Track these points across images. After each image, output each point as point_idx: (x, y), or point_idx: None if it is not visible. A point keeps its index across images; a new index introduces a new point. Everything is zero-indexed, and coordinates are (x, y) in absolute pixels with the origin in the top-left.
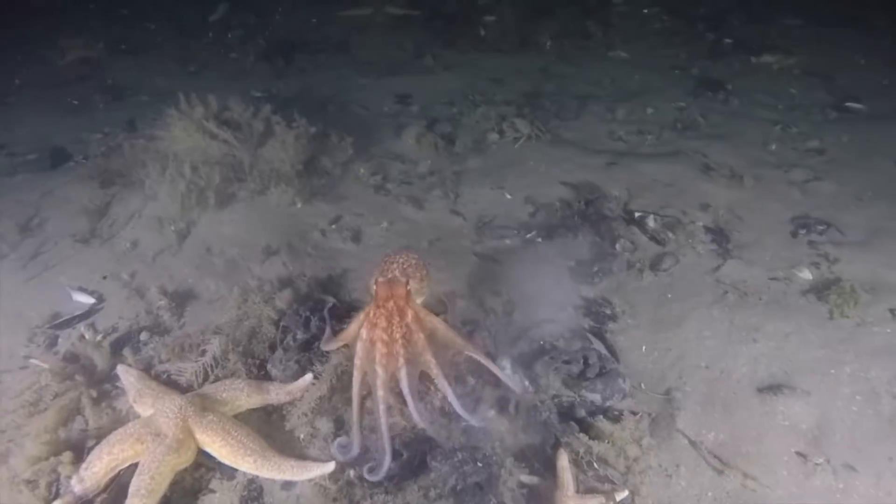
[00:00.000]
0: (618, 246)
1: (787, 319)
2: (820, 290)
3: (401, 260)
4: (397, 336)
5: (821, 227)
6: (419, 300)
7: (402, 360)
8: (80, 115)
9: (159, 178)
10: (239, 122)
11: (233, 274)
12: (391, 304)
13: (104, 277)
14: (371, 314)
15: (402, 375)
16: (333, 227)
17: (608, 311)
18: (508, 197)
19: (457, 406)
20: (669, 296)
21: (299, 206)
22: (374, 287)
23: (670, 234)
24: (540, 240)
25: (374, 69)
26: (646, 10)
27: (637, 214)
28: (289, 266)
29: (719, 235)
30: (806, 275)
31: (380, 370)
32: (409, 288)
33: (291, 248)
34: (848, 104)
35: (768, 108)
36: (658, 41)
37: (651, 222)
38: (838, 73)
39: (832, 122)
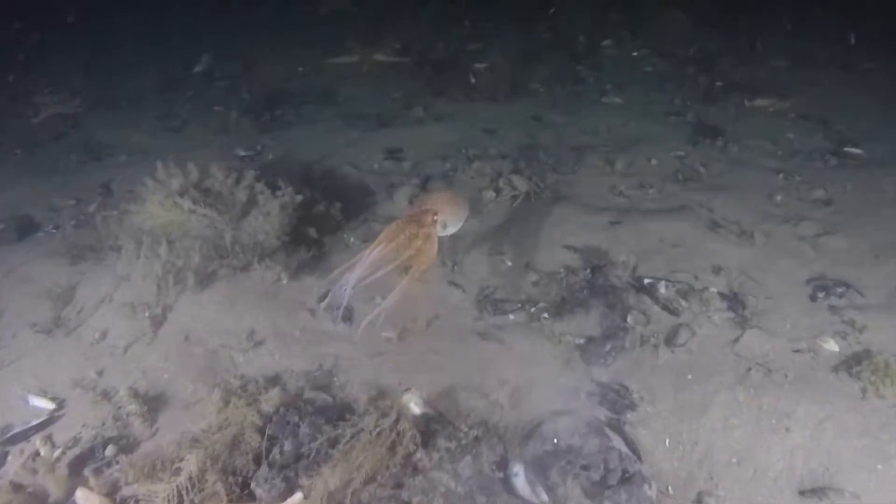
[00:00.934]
0: (629, 319)
1: (819, 402)
2: (850, 364)
3: (439, 197)
4: (407, 231)
5: (840, 290)
6: (449, 231)
7: (395, 243)
8: (53, 177)
9: (133, 257)
10: (220, 191)
11: (214, 366)
12: (414, 222)
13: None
14: (395, 224)
15: (388, 248)
16: (323, 304)
17: (625, 400)
18: (509, 264)
19: (345, 289)
20: (690, 376)
21: (285, 281)
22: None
23: (683, 303)
24: (546, 315)
25: (363, 121)
26: (635, 53)
27: (647, 281)
28: (275, 355)
29: (735, 302)
30: (832, 346)
31: (382, 235)
32: (435, 218)
33: (278, 332)
34: (847, 149)
35: (768, 155)
36: (651, 85)
37: (663, 289)
38: (833, 116)
39: (833, 169)
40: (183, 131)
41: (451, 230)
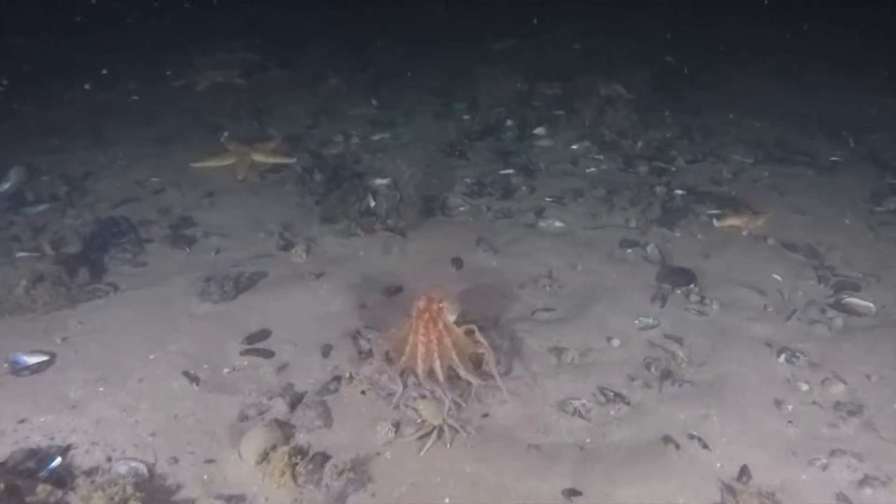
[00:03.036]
0: None
1: None
2: None
3: (436, 289)
4: (433, 338)
5: None
6: (451, 318)
7: (436, 356)
8: None
9: None
10: None
11: None
12: (427, 315)
13: None
14: (413, 324)
15: (437, 367)
16: None
17: None
18: None
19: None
20: None
21: None
22: (417, 302)
23: None
24: None
25: (221, 278)
26: (574, 147)
27: None
28: None
29: None
30: None
31: (420, 364)
32: (442, 305)
33: None
34: (850, 300)
35: (757, 315)
36: (597, 198)
37: None
38: (820, 241)
39: (841, 335)
40: None
41: (451, 318)
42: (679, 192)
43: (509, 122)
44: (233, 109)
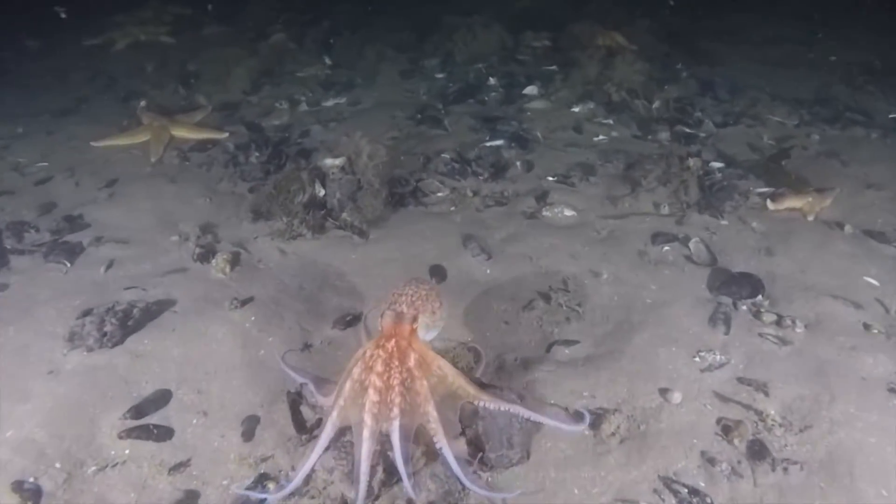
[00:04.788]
0: None
1: None
2: None
3: (410, 292)
4: (394, 383)
5: None
6: (431, 335)
7: (396, 411)
8: None
9: None
10: None
11: None
12: (392, 344)
13: None
14: (367, 354)
15: (394, 430)
16: None
17: None
18: None
19: (458, 472)
20: None
21: None
22: (381, 320)
23: None
24: None
25: (103, 312)
26: (576, 109)
27: None
28: None
29: None
30: None
31: (368, 419)
32: (414, 326)
33: None
34: None
35: (859, 338)
36: (613, 175)
37: None
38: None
39: None
40: None
41: (432, 334)
42: (716, 164)
43: (492, 81)
44: (155, 73)
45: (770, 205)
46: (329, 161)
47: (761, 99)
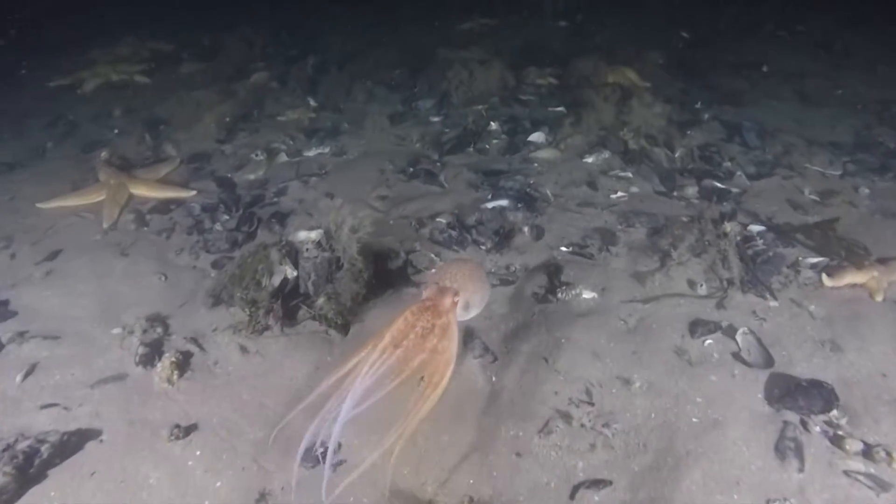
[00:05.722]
0: None
1: None
2: None
3: (455, 269)
4: (418, 325)
5: None
6: (471, 314)
7: (404, 344)
8: None
9: None
10: None
11: None
12: (430, 303)
13: None
14: (411, 308)
15: (392, 358)
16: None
17: None
18: None
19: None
20: None
21: None
22: (424, 290)
23: None
24: None
25: (7, 445)
26: (589, 160)
27: None
28: None
29: None
30: None
31: (388, 337)
32: (455, 300)
33: None
34: None
35: None
36: (640, 251)
37: None
38: None
39: None
40: None
41: (473, 312)
42: (756, 227)
43: (493, 126)
44: (123, 118)
45: (827, 281)
46: (303, 234)
47: (795, 144)
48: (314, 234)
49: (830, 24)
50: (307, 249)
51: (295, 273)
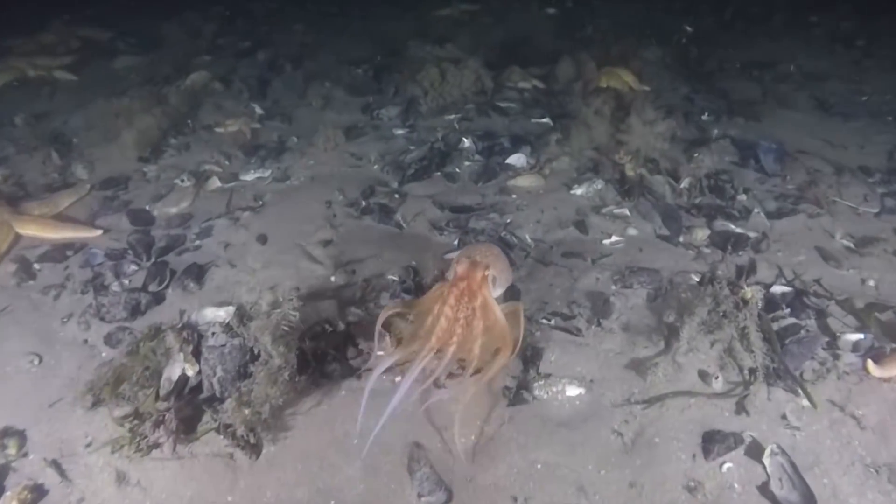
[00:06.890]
0: None
1: None
2: None
3: (483, 249)
4: (460, 316)
5: None
6: (496, 292)
7: (454, 339)
8: None
9: None
10: None
11: None
12: (464, 284)
13: None
14: (445, 291)
15: (448, 356)
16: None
17: None
18: None
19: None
20: None
21: None
22: (456, 266)
23: None
24: None
25: None
26: (578, 191)
27: None
28: None
29: None
30: None
31: (434, 340)
32: (486, 274)
33: None
34: None
35: None
36: (637, 328)
37: None
38: None
39: None
40: None
41: (498, 291)
42: (780, 289)
43: (466, 143)
44: (27, 128)
45: (874, 370)
46: (210, 312)
47: (821, 170)
48: (223, 313)
49: (847, 15)
50: (213, 335)
51: (193, 371)
